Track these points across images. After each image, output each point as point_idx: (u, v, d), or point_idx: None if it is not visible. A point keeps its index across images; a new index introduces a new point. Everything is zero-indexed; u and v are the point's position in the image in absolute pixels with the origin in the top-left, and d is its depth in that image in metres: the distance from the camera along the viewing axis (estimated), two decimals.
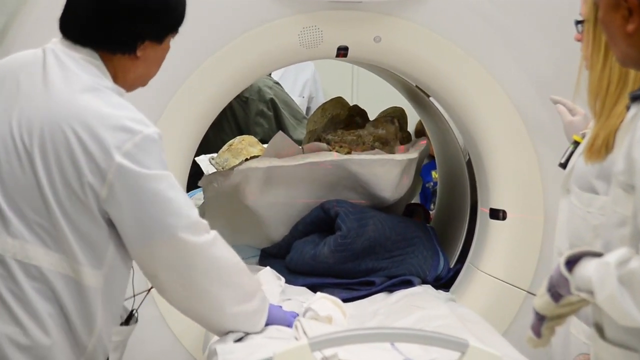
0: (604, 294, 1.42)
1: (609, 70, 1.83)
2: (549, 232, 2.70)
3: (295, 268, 2.92)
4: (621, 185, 1.48)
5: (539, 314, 1.60)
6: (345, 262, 2.85)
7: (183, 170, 2.76)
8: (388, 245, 2.89)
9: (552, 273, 1.57)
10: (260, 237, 3.12)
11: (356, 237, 2.83)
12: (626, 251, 1.42)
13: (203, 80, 2.68)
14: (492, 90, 2.75)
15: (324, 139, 3.03)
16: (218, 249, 2.02)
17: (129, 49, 1.92)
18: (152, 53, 1.95)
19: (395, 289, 2.81)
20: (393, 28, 2.70)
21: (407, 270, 2.87)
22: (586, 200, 1.99)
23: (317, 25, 2.67)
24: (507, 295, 2.79)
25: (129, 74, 1.96)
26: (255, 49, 2.67)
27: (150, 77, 2.02)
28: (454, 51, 2.73)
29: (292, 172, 2.92)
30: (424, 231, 3.02)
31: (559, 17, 2.63)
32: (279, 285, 2.65)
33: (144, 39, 1.92)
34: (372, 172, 2.92)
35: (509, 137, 2.78)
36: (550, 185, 2.73)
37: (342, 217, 2.85)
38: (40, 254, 1.86)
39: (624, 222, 1.48)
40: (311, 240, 2.93)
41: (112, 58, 1.93)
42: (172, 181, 1.92)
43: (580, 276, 1.50)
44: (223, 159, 3.73)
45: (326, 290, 2.79)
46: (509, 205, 2.82)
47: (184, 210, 1.92)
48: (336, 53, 2.76)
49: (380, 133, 3.03)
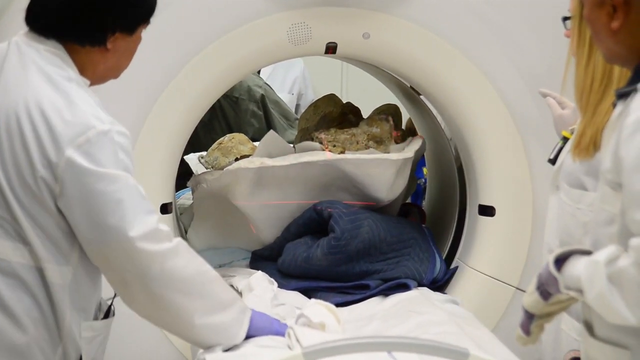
0: (594, 292, 1.42)
1: (592, 66, 1.83)
2: (537, 228, 2.70)
3: (287, 271, 2.84)
4: (608, 184, 1.49)
5: (528, 312, 1.60)
6: (339, 264, 2.76)
7: (171, 169, 2.73)
8: (383, 248, 2.80)
9: (541, 271, 1.57)
10: (251, 239, 3.04)
11: (350, 239, 2.75)
12: (615, 249, 1.43)
13: (191, 78, 2.66)
14: (481, 87, 2.74)
15: (316, 138, 2.94)
16: (181, 258, 1.91)
17: (98, 42, 1.87)
18: (123, 44, 1.91)
19: (390, 293, 2.72)
20: (382, 24, 2.69)
21: (403, 273, 2.78)
22: (575, 196, 1.98)
23: (305, 21, 2.65)
24: (496, 292, 2.77)
25: (98, 66, 1.90)
26: (244, 45, 2.65)
27: (121, 69, 1.97)
28: (444, 48, 2.72)
29: (284, 173, 2.83)
30: (420, 232, 2.94)
31: (549, 13, 2.57)
32: (271, 290, 2.56)
33: (114, 30, 1.88)
34: (367, 173, 2.83)
35: (498, 133, 2.77)
36: (539, 182, 2.73)
37: (335, 219, 2.77)
38: (8, 248, 1.81)
39: (612, 220, 1.49)
40: (304, 243, 2.85)
41: (81, 50, 1.88)
42: (129, 183, 1.82)
43: (569, 275, 1.50)
44: (212, 157, 3.65)
45: (320, 294, 2.71)
46: (498, 201, 2.81)
47: (140, 215, 1.82)
48: (325, 50, 2.74)
49: (375, 132, 2.94)
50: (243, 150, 3.60)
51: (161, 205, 2.70)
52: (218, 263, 3.07)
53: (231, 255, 3.09)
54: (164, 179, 2.72)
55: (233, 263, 3.07)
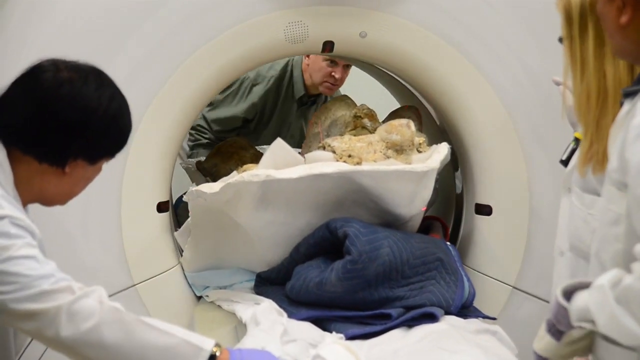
0: (604, 317, 1.43)
1: (586, 84, 1.88)
2: (534, 227, 2.76)
3: (297, 297, 2.52)
4: (614, 183, 1.51)
5: (542, 357, 1.59)
6: (356, 291, 2.44)
7: (167, 167, 2.72)
8: (405, 271, 2.48)
9: (549, 312, 1.57)
10: (255, 260, 2.73)
11: (368, 262, 2.43)
12: (617, 272, 1.44)
13: (189, 76, 2.64)
14: (478, 85, 2.75)
15: (328, 147, 2.62)
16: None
17: (57, 163, 1.82)
18: (81, 172, 1.86)
19: (415, 323, 2.40)
20: (379, 23, 2.69)
21: (428, 300, 2.47)
22: (587, 202, 1.97)
23: (302, 20, 2.65)
24: (492, 291, 2.75)
25: (50, 186, 1.85)
26: (241, 44, 2.64)
27: (71, 196, 1.91)
28: (440, 46, 2.72)
29: (293, 186, 2.51)
30: (445, 252, 2.62)
31: (546, 11, 2.46)
32: (280, 323, 2.24)
33: (76, 156, 1.83)
34: (386, 186, 2.51)
35: (495, 132, 2.77)
36: (536, 181, 2.76)
37: (351, 239, 2.45)
38: None
39: (617, 220, 1.51)
40: (315, 266, 2.53)
41: (36, 165, 1.82)
42: (16, 252, 1.68)
43: (577, 307, 1.50)
44: (211, 164, 3.35)
45: (334, 324, 2.40)
46: (495, 200, 2.81)
47: (27, 279, 1.68)
48: (322, 48, 2.74)
49: (395, 139, 2.61)
50: (244, 156, 3.30)
51: (157, 204, 2.68)
52: (218, 285, 2.78)
53: (233, 277, 2.79)
54: (159, 177, 2.70)
55: (235, 286, 2.77)
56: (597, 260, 1.60)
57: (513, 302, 2.80)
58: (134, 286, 2.68)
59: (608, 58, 1.85)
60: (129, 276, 2.66)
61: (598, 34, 1.86)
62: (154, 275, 2.71)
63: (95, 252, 2.62)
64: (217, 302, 2.69)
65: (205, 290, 2.80)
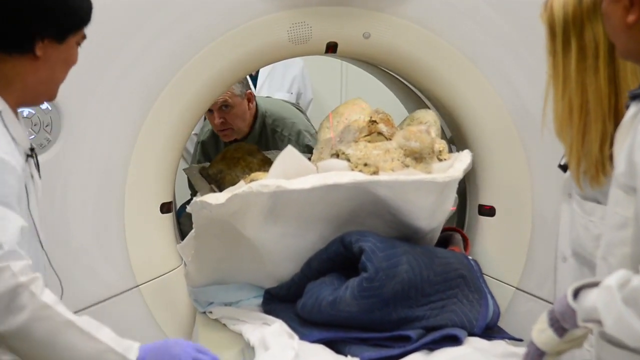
0: (611, 318, 1.43)
1: (568, 97, 1.87)
2: (537, 228, 2.76)
3: (309, 317, 2.36)
4: (621, 187, 1.51)
5: (540, 349, 1.58)
6: (372, 310, 2.28)
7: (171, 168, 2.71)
8: (426, 289, 2.32)
9: (554, 307, 1.56)
10: (263, 275, 2.59)
11: (386, 280, 2.27)
12: (625, 273, 1.44)
13: (192, 76, 2.63)
14: (481, 87, 2.75)
15: (342, 154, 2.44)
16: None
17: (26, 48, 1.82)
18: (54, 53, 1.85)
19: (437, 347, 2.23)
20: (382, 24, 2.70)
21: (450, 321, 2.30)
22: (588, 209, 1.94)
23: (306, 21, 2.66)
24: (495, 292, 2.65)
25: (28, 77, 1.84)
26: (244, 45, 2.64)
27: (55, 82, 1.89)
28: (443, 47, 2.72)
29: (305, 197, 2.35)
30: (467, 267, 2.45)
31: None
32: (291, 348, 2.07)
33: (42, 37, 1.82)
34: (405, 198, 2.34)
35: (497, 133, 2.77)
36: (538, 182, 2.75)
37: (367, 255, 2.28)
38: None
39: (625, 224, 1.50)
40: (329, 283, 2.37)
41: (8, 60, 1.82)
42: None
43: (584, 307, 1.50)
44: (216, 170, 3.18)
45: (350, 347, 2.25)
46: (498, 202, 2.80)
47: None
48: (325, 49, 2.73)
49: (414, 146, 2.43)
50: (252, 162, 3.14)
51: (161, 205, 2.67)
52: (224, 301, 2.63)
53: (239, 293, 2.64)
54: (163, 177, 2.69)
55: (241, 302, 2.62)
56: (605, 263, 1.59)
57: (516, 303, 2.78)
58: (137, 287, 2.65)
59: (589, 73, 1.85)
60: (132, 277, 2.66)
61: (580, 49, 1.86)
62: (157, 276, 2.68)
63: (99, 253, 2.62)
64: (222, 320, 2.54)
65: (209, 307, 2.64)
